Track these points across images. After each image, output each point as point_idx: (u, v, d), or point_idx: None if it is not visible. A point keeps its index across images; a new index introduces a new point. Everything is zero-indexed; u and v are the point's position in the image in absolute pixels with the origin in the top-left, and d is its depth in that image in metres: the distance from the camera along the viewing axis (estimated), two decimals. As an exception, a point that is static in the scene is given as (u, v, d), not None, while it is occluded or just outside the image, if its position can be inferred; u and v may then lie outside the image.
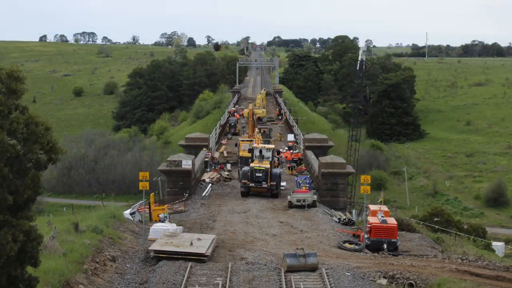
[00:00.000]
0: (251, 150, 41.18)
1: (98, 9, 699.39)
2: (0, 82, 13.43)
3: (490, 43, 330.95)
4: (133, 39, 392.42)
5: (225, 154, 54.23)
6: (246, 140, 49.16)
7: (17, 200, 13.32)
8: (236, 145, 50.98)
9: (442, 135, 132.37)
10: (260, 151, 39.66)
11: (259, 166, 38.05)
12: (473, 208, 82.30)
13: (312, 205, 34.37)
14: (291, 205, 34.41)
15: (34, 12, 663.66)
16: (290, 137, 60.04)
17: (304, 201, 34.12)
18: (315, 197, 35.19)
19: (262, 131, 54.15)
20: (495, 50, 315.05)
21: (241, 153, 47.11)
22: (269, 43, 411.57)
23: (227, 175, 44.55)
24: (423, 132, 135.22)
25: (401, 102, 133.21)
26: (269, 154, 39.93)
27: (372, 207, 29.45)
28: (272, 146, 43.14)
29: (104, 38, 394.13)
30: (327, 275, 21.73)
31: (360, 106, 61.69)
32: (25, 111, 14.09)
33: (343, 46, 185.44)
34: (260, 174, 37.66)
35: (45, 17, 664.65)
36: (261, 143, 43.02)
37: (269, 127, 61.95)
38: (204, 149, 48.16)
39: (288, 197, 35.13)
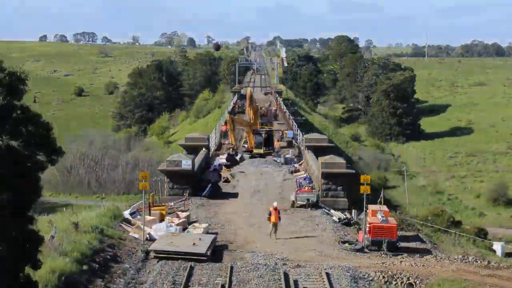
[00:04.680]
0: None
1: (98, 9, 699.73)
2: (1, 84, 13.42)
3: (490, 43, 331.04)
4: (133, 39, 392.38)
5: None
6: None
7: (17, 202, 13.31)
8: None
9: (442, 135, 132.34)
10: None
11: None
12: (473, 208, 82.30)
13: (316, 205, 34.50)
14: (293, 205, 34.52)
15: (34, 12, 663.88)
16: (290, 133, 61.51)
17: (308, 200, 34.24)
18: (318, 197, 35.33)
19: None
20: (495, 50, 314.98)
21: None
22: (269, 43, 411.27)
23: (224, 175, 44.47)
24: (423, 132, 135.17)
25: (401, 102, 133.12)
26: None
27: (372, 207, 29.43)
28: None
29: (104, 38, 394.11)
30: (327, 275, 21.73)
31: None
32: (27, 111, 14.09)
33: (343, 46, 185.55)
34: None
35: (45, 17, 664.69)
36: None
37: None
38: (204, 149, 48.15)
39: (291, 196, 35.25)
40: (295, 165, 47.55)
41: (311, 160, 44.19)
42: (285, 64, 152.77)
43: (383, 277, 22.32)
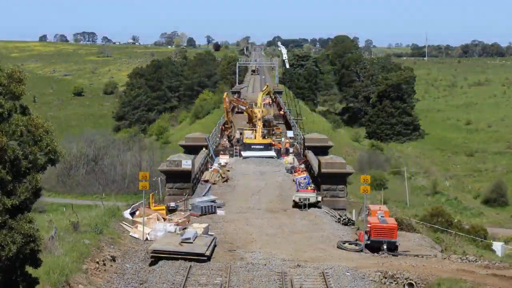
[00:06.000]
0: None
1: (98, 9, 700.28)
2: (0, 84, 13.39)
3: (490, 43, 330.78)
4: (133, 39, 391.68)
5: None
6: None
7: (16, 202, 13.29)
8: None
9: (442, 135, 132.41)
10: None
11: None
12: (473, 208, 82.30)
13: (315, 205, 34.46)
14: (296, 204, 34.52)
15: (34, 12, 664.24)
16: (290, 133, 61.89)
17: (307, 200, 34.18)
18: (319, 197, 35.19)
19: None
20: (495, 50, 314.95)
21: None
22: (269, 43, 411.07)
23: (225, 174, 44.48)
24: (423, 132, 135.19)
25: (401, 102, 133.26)
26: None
27: (372, 207, 29.44)
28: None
29: (104, 38, 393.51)
30: (327, 275, 21.72)
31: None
32: (26, 111, 14.06)
33: (343, 46, 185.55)
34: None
35: (45, 17, 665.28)
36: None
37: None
38: (204, 149, 48.17)
39: (293, 196, 35.29)
40: (295, 165, 47.62)
41: (311, 160, 44.20)
42: (287, 66, 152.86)
43: (383, 277, 22.32)
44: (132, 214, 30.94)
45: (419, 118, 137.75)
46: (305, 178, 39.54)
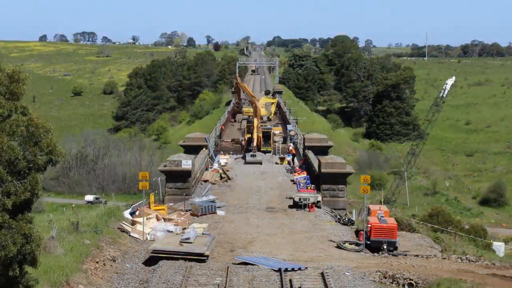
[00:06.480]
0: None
1: (98, 9, 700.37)
2: (0, 84, 13.39)
3: (490, 43, 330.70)
4: (133, 39, 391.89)
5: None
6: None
7: (16, 202, 13.29)
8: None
9: (442, 135, 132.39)
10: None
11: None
12: (472, 208, 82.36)
13: (315, 205, 34.39)
14: (295, 204, 34.46)
15: (34, 12, 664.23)
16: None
17: (307, 200, 34.12)
18: (319, 197, 35.08)
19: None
20: (495, 50, 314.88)
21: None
22: (269, 43, 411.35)
23: (225, 175, 44.49)
24: (423, 132, 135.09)
25: (401, 102, 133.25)
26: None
27: (372, 207, 29.45)
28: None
29: (104, 38, 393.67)
30: (327, 275, 21.72)
31: None
32: (26, 111, 14.07)
33: (343, 46, 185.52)
34: None
35: (45, 17, 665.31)
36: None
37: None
38: (204, 149, 48.17)
39: (294, 196, 35.24)
40: (295, 165, 47.64)
41: (311, 160, 44.19)
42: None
43: (383, 277, 22.32)
44: (132, 214, 30.93)
45: (419, 118, 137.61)
46: (305, 178, 39.54)
